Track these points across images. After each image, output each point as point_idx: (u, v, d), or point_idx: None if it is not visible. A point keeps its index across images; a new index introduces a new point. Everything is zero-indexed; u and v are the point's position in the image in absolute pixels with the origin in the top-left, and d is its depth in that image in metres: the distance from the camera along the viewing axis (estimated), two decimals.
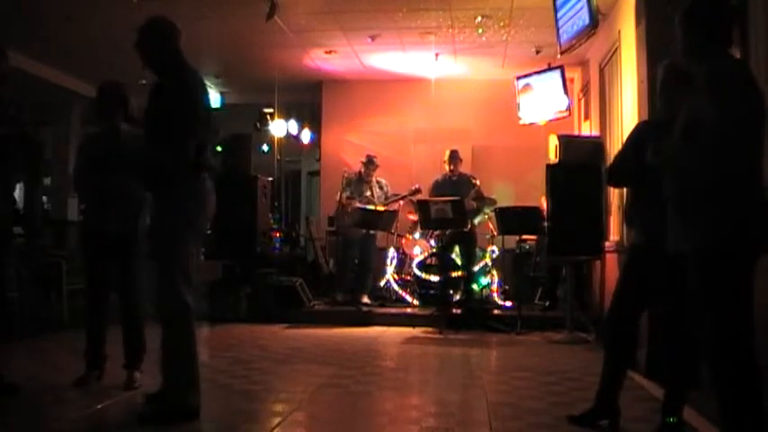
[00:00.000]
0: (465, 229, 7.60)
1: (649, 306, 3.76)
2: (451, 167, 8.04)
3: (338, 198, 8.68)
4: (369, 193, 8.55)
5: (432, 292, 8.19)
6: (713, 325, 2.85)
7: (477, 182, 7.88)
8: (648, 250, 3.43)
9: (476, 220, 8.01)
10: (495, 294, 8.23)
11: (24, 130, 4.17)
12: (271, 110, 10.38)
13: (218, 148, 11.01)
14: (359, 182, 8.64)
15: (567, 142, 7.31)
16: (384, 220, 8.32)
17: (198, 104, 3.55)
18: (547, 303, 7.91)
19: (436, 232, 8.07)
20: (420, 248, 8.53)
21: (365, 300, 8.33)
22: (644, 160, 3.04)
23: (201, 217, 3.65)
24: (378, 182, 8.69)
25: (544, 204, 7.28)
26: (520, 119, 8.98)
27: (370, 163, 8.63)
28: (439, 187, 8.07)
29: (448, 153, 8.11)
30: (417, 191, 8.41)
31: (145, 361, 4.38)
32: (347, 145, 10.28)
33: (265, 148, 11.44)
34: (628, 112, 6.08)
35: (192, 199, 3.57)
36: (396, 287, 8.60)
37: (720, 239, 2.78)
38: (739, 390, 2.77)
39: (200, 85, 3.66)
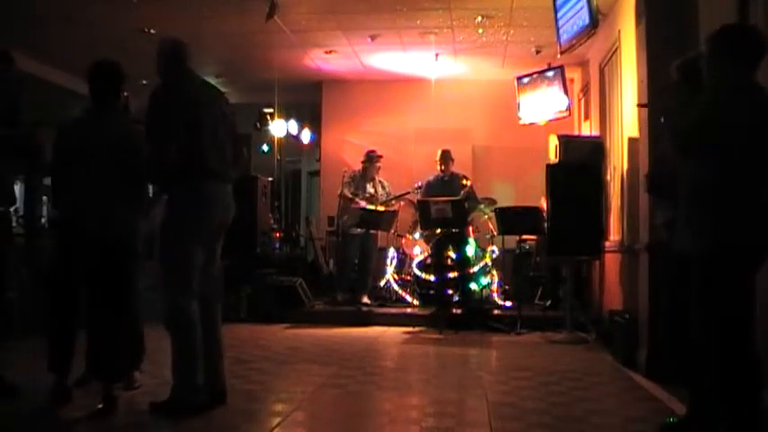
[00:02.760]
0: (454, 230, 7.60)
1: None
2: (442, 167, 8.09)
3: (339, 193, 8.68)
4: (372, 191, 8.54)
5: (432, 292, 8.20)
6: (713, 324, 2.86)
7: (468, 182, 7.89)
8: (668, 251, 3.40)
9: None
10: (495, 294, 8.22)
11: (31, 132, 4.22)
12: (271, 110, 10.37)
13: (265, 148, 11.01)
14: (361, 179, 8.63)
15: (567, 142, 7.30)
16: (384, 220, 8.32)
17: (172, 109, 3.71)
18: (548, 303, 7.90)
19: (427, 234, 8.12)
20: (420, 248, 8.53)
21: (365, 300, 8.33)
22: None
23: (204, 222, 3.74)
24: (380, 181, 8.69)
25: (544, 205, 7.29)
26: (520, 119, 8.98)
27: (371, 159, 8.60)
28: (431, 187, 8.12)
29: (439, 153, 8.18)
30: (421, 187, 8.41)
31: (146, 361, 4.39)
32: (347, 145, 10.27)
33: (265, 148, 11.45)
34: (628, 112, 6.08)
35: (192, 205, 3.69)
36: (396, 287, 8.59)
37: (721, 243, 2.80)
38: (737, 387, 2.78)
39: (194, 92, 3.84)
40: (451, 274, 7.72)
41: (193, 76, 3.95)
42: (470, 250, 7.93)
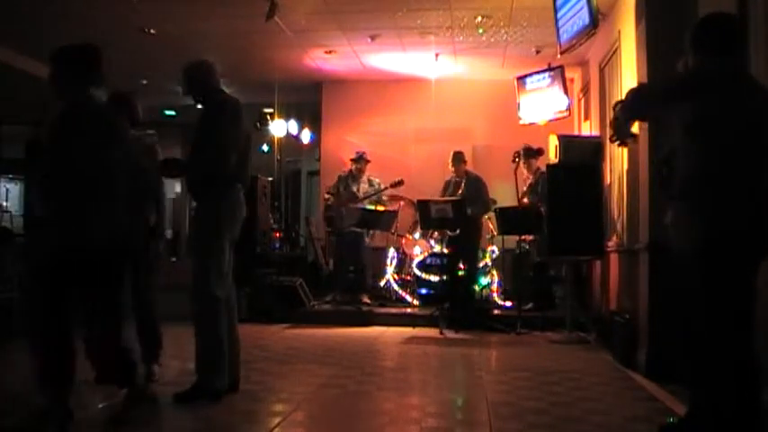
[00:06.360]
0: (453, 233, 7.64)
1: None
2: (453, 169, 8.10)
3: (326, 197, 8.81)
4: (355, 189, 8.57)
5: (432, 292, 8.20)
6: (711, 321, 2.87)
7: (462, 182, 7.95)
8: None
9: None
10: (495, 294, 8.23)
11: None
12: (271, 110, 10.37)
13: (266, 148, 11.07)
14: (347, 178, 8.69)
15: (567, 142, 7.30)
16: (384, 220, 8.32)
17: (232, 126, 4.08)
18: (540, 304, 7.88)
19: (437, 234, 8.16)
20: (420, 248, 8.53)
21: (365, 299, 8.33)
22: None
23: (235, 223, 4.12)
24: (369, 179, 8.70)
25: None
26: (520, 119, 8.98)
27: (359, 159, 8.66)
28: (445, 187, 8.18)
29: (451, 155, 8.16)
30: (400, 182, 8.42)
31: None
32: (347, 145, 10.26)
33: (265, 148, 11.45)
34: None
35: (229, 208, 4.07)
36: (396, 287, 8.60)
37: (707, 239, 2.82)
38: (737, 387, 2.79)
39: (239, 111, 4.18)
40: (459, 274, 7.74)
41: (227, 93, 4.31)
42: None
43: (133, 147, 4.36)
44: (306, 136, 11.40)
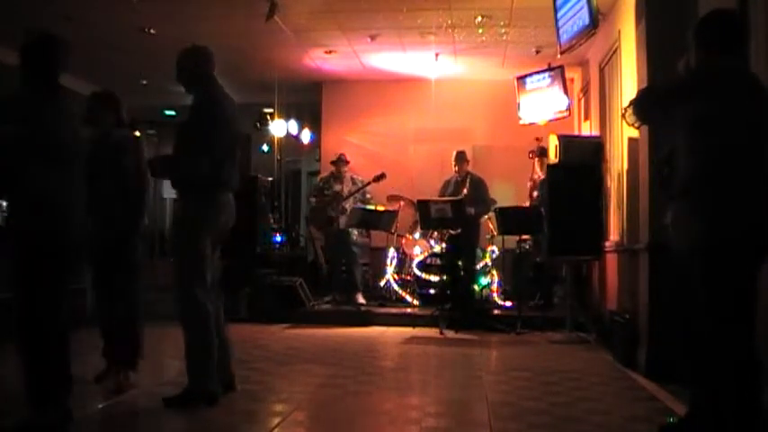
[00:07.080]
0: (454, 232, 7.64)
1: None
2: (456, 168, 8.12)
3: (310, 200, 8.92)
4: (338, 188, 8.61)
5: (432, 292, 8.20)
6: (707, 321, 2.87)
7: (467, 184, 7.95)
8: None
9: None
10: (495, 294, 8.23)
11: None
12: (271, 110, 10.38)
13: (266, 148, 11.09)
14: (329, 179, 8.76)
15: (567, 142, 7.31)
16: (384, 220, 8.32)
17: (215, 127, 3.90)
18: (541, 302, 7.89)
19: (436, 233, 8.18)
20: (420, 248, 8.53)
21: (360, 299, 8.32)
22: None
23: (217, 225, 3.97)
24: (352, 178, 8.71)
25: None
26: (520, 119, 8.98)
27: (338, 161, 8.73)
28: (445, 186, 8.20)
29: (453, 154, 8.18)
30: (382, 176, 8.43)
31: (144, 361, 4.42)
32: (347, 145, 10.25)
33: (265, 148, 11.45)
34: None
35: (209, 208, 3.92)
36: (396, 287, 8.60)
37: (707, 239, 2.82)
38: (737, 387, 2.78)
39: (229, 107, 4.03)
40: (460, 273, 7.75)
41: (221, 86, 4.10)
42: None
43: (112, 145, 4.34)
44: (306, 136, 11.40)
